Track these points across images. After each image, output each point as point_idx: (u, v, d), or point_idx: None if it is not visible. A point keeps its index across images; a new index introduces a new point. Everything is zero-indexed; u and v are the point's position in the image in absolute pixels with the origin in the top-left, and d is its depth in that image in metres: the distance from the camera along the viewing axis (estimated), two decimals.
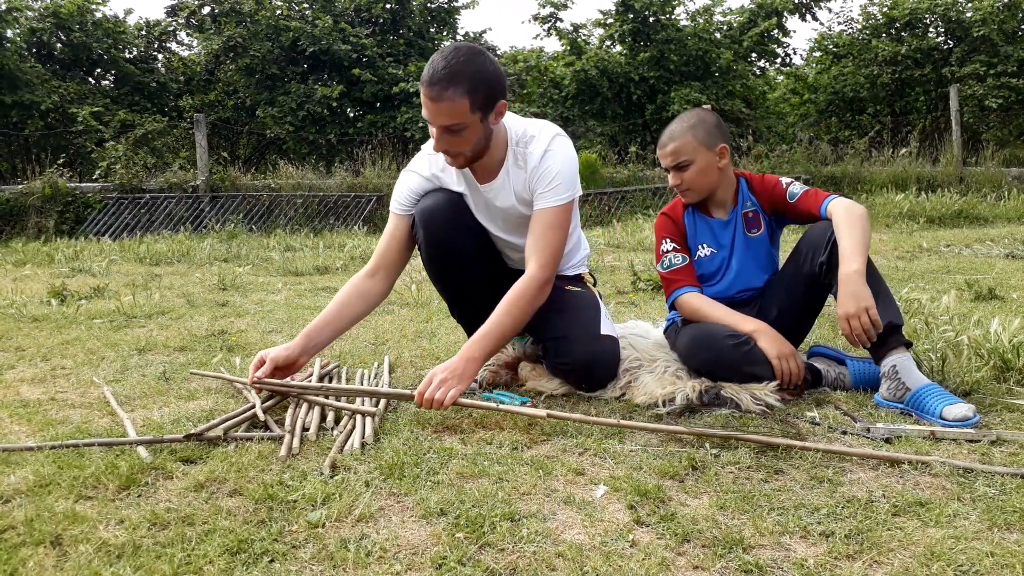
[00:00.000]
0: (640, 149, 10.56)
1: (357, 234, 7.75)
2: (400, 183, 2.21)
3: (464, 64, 1.88)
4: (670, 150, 2.19)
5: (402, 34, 13.19)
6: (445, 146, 1.96)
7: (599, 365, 2.08)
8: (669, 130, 2.22)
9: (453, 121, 1.90)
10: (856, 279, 1.92)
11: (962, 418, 1.76)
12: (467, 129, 1.93)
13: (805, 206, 2.16)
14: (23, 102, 10.65)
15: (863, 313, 1.88)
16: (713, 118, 2.23)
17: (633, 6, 11.27)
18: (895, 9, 11.58)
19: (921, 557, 1.19)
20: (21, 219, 8.19)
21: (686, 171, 2.18)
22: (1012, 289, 3.55)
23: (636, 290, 3.94)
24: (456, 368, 1.86)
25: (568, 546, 1.24)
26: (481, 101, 1.91)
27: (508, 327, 1.95)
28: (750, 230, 2.26)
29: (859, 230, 1.99)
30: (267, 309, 3.64)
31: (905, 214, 7.34)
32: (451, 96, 1.87)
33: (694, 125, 2.19)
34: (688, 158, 2.17)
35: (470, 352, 1.90)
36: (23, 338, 2.98)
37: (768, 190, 2.24)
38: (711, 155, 2.18)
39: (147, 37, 13.09)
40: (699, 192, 2.23)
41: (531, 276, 1.99)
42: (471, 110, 1.90)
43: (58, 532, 1.30)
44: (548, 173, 2.03)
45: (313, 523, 1.32)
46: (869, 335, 1.90)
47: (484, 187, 2.12)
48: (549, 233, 2.02)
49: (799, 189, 2.20)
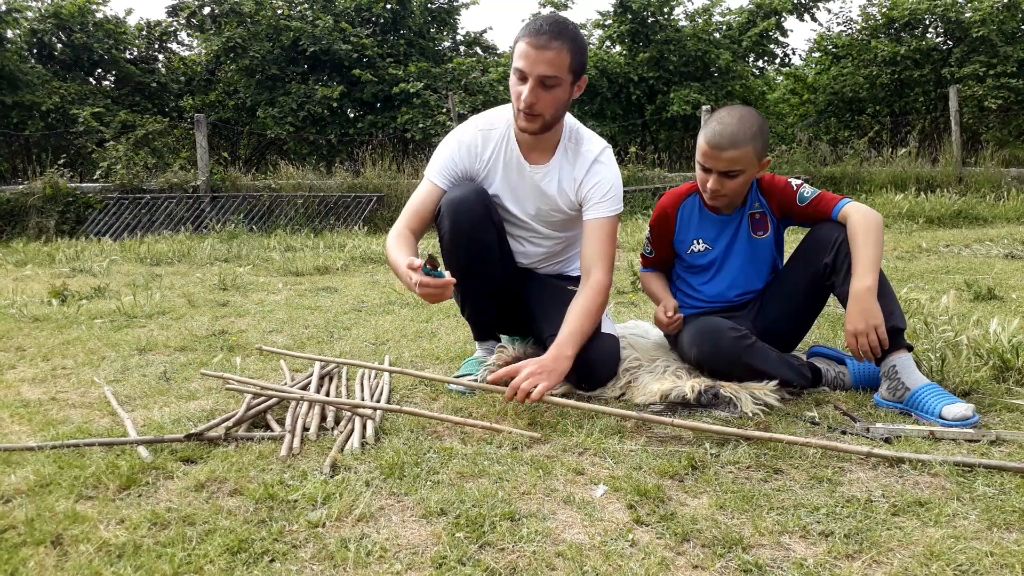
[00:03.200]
0: (640, 149, 10.56)
1: (357, 234, 7.75)
2: (442, 150, 2.20)
3: (568, 26, 1.99)
4: (728, 156, 2.00)
5: (402, 34, 13.19)
6: (534, 99, 1.98)
7: (599, 364, 2.08)
8: (731, 132, 1.99)
9: (552, 72, 1.96)
10: (867, 296, 1.89)
11: (961, 417, 1.76)
12: (559, 87, 1.99)
13: (816, 210, 2.09)
14: (24, 103, 10.65)
15: (871, 332, 1.88)
16: (767, 125, 2.08)
17: (632, 7, 11.28)
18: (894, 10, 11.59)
19: (920, 557, 1.19)
20: (22, 219, 8.19)
21: (733, 180, 2.04)
22: (1011, 289, 3.55)
23: (636, 290, 3.94)
24: (547, 364, 1.90)
25: (568, 546, 1.25)
26: (577, 64, 2.00)
27: (588, 328, 2.02)
28: (756, 231, 2.20)
29: (873, 241, 1.94)
30: (268, 309, 3.64)
31: (904, 214, 7.34)
32: (557, 47, 1.95)
33: (756, 134, 2.01)
34: (742, 168, 2.02)
35: (561, 350, 1.94)
36: (24, 338, 2.99)
37: (778, 191, 2.15)
38: (758, 168, 2.07)
39: (148, 37, 13.10)
40: (731, 200, 2.13)
41: (599, 281, 2.07)
42: (569, 68, 1.98)
43: (59, 532, 1.30)
44: (604, 184, 2.12)
45: (313, 523, 1.33)
46: (875, 352, 1.90)
47: (533, 168, 2.15)
48: (608, 243, 2.11)
49: (810, 193, 2.11)
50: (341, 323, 3.25)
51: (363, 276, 4.96)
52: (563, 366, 1.93)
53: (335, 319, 3.34)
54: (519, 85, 2.00)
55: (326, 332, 3.06)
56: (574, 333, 1.98)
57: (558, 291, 2.26)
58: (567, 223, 2.24)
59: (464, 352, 2.59)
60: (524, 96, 1.98)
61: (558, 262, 2.37)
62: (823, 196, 2.10)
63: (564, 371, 1.93)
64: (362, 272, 5.19)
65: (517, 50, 1.99)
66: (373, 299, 3.91)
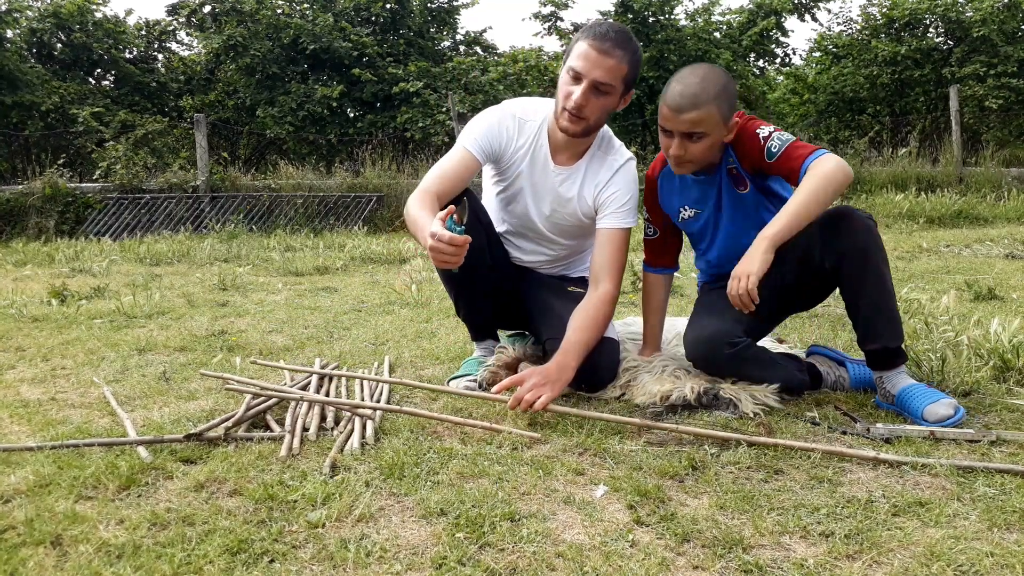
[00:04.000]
0: (639, 149, 10.56)
1: (357, 234, 7.75)
2: (482, 121, 2.14)
3: (632, 38, 2.00)
4: (689, 118, 1.88)
5: (402, 34, 13.18)
6: (584, 102, 1.98)
7: (599, 366, 2.08)
8: (691, 92, 1.87)
9: (608, 79, 1.96)
10: (759, 245, 1.82)
11: (942, 418, 1.75)
12: (610, 96, 2.00)
13: (786, 166, 1.91)
14: (23, 102, 10.64)
15: (743, 278, 1.81)
16: (733, 85, 1.95)
17: (632, 6, 11.28)
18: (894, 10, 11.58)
19: (921, 557, 1.19)
20: (21, 219, 8.19)
21: (696, 144, 1.92)
22: (1012, 289, 3.55)
23: (636, 290, 3.94)
24: (551, 374, 1.89)
25: (568, 546, 1.24)
26: (631, 77, 2.02)
27: (593, 339, 2.02)
28: (738, 187, 2.05)
29: (810, 190, 1.82)
30: (267, 309, 3.64)
31: (905, 214, 7.34)
32: (619, 56, 1.95)
33: (719, 94, 1.88)
34: (705, 130, 1.90)
35: (565, 360, 1.93)
36: (23, 338, 2.98)
37: (746, 147, 1.97)
38: (724, 130, 1.93)
39: (147, 37, 13.09)
40: (697, 165, 2.00)
41: (607, 292, 2.07)
42: (624, 79, 1.99)
43: (58, 532, 1.30)
44: (624, 194, 2.13)
45: (313, 523, 1.32)
46: (744, 303, 1.82)
47: (558, 168, 2.15)
48: (619, 254, 2.11)
49: (778, 147, 1.91)
50: (341, 323, 3.25)
51: (363, 276, 4.96)
52: (567, 376, 1.93)
53: (335, 319, 3.34)
54: (571, 84, 1.98)
55: (326, 332, 3.06)
56: (579, 344, 1.97)
57: (558, 291, 2.26)
58: (577, 230, 2.23)
59: (464, 352, 2.59)
60: (575, 97, 1.97)
61: (558, 265, 2.36)
62: (792, 149, 1.91)
63: (568, 381, 1.93)
64: (362, 272, 5.19)
65: (577, 49, 1.97)
66: (373, 299, 3.90)
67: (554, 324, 2.12)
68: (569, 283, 2.30)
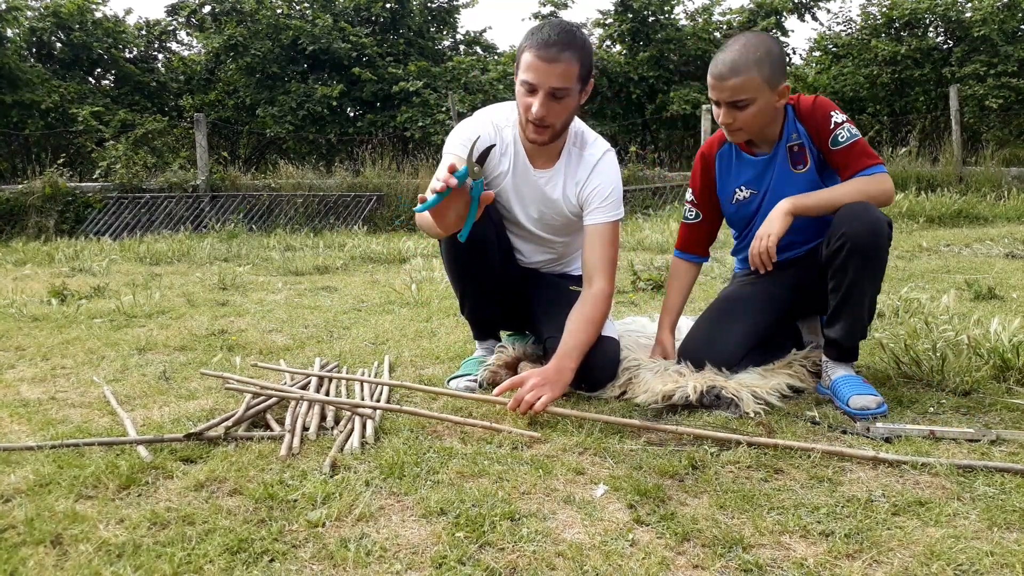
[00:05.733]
0: (640, 149, 10.55)
1: (357, 234, 7.75)
2: (464, 128, 2.13)
3: (576, 34, 1.96)
4: (731, 85, 1.91)
5: (402, 33, 13.18)
6: (545, 112, 1.95)
7: (599, 366, 2.08)
8: (731, 59, 1.91)
9: (563, 84, 1.93)
10: (781, 206, 1.93)
11: (863, 407, 1.83)
12: (568, 97, 1.97)
13: (843, 162, 1.96)
14: (23, 102, 10.64)
15: (764, 238, 1.92)
16: (779, 50, 1.95)
17: (632, 6, 11.28)
18: (894, 10, 11.58)
19: (921, 556, 1.19)
20: (21, 219, 8.19)
21: (743, 111, 1.93)
22: (1012, 289, 3.55)
23: (636, 290, 3.94)
24: (550, 376, 1.89)
25: (568, 545, 1.24)
26: (584, 72, 1.97)
27: (590, 338, 2.01)
28: (795, 166, 2.03)
29: (856, 191, 1.91)
30: (267, 309, 3.64)
31: (905, 213, 7.34)
32: (567, 59, 1.92)
33: (760, 59, 1.89)
34: (749, 97, 1.91)
35: (563, 362, 1.93)
36: (23, 337, 2.98)
37: (817, 121, 1.98)
38: (773, 95, 1.94)
39: (147, 37, 13.08)
40: (751, 134, 2.02)
41: (602, 290, 2.05)
42: (577, 78, 1.96)
43: (58, 532, 1.30)
44: (604, 188, 2.09)
45: (313, 523, 1.33)
46: (764, 261, 1.93)
47: (538, 172, 2.14)
48: (610, 248, 2.09)
49: (844, 139, 1.95)
50: (341, 323, 3.25)
51: (363, 276, 4.96)
52: (566, 378, 1.93)
53: (335, 319, 3.34)
54: (528, 97, 1.96)
55: (326, 332, 3.06)
56: (577, 345, 1.97)
57: (559, 291, 2.26)
58: (568, 227, 2.23)
59: (464, 351, 2.59)
60: (535, 109, 1.95)
61: (559, 264, 2.36)
62: (860, 148, 1.95)
63: (567, 382, 1.94)
64: (362, 272, 5.19)
65: (524, 61, 1.94)
66: (373, 299, 3.90)
67: (554, 323, 2.12)
68: (570, 282, 2.30)
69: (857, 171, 1.94)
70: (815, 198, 1.95)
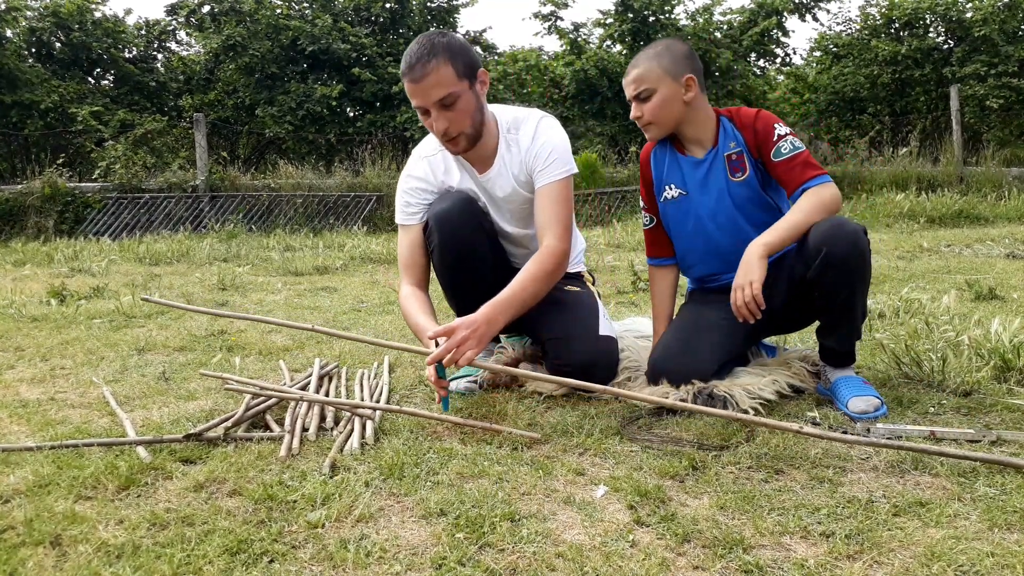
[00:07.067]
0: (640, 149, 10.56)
1: (357, 234, 7.74)
2: (403, 193, 2.18)
3: (435, 39, 1.94)
4: (632, 77, 2.04)
5: (402, 33, 13.18)
6: (445, 124, 1.96)
7: (598, 366, 2.08)
8: (635, 58, 2.07)
9: (445, 91, 1.92)
10: (755, 251, 1.86)
11: (862, 411, 1.82)
12: (460, 99, 1.95)
13: (789, 174, 1.97)
14: (23, 102, 10.63)
15: (747, 287, 1.84)
16: (682, 47, 2.05)
17: (632, 5, 11.27)
18: (894, 10, 11.58)
19: (921, 557, 1.19)
20: (20, 219, 8.19)
21: (647, 102, 2.03)
22: (1012, 289, 3.55)
23: (636, 290, 3.93)
24: (479, 328, 1.85)
25: (568, 546, 1.24)
26: (463, 68, 1.95)
27: (530, 296, 1.96)
28: (734, 173, 2.05)
29: (807, 213, 1.89)
30: (267, 309, 3.63)
31: (905, 214, 7.34)
32: (435, 67, 1.91)
33: (659, 53, 2.03)
34: (650, 87, 2.01)
35: (492, 315, 1.88)
36: (22, 338, 2.98)
37: (758, 131, 2.02)
38: (676, 86, 2.01)
39: (147, 37, 13.07)
40: (661, 127, 2.06)
41: (548, 247, 2.00)
42: (457, 77, 1.94)
43: (58, 532, 1.30)
44: (544, 149, 2.07)
45: (313, 523, 1.32)
46: (751, 309, 1.85)
47: (483, 177, 2.13)
48: (556, 207, 2.04)
49: (788, 149, 1.98)
50: (340, 323, 3.24)
51: (362, 276, 4.95)
52: (495, 329, 1.89)
53: (335, 319, 3.34)
54: (426, 119, 1.98)
55: None
56: (512, 298, 1.92)
57: (554, 290, 2.25)
58: None
59: None
60: (436, 126, 1.96)
61: None
62: (802, 160, 1.96)
63: (491, 337, 1.89)
64: (361, 272, 5.19)
65: (407, 90, 1.96)
66: (372, 299, 3.90)
67: (552, 322, 2.12)
68: (565, 281, 2.29)
69: (802, 182, 1.95)
70: (780, 231, 1.90)
